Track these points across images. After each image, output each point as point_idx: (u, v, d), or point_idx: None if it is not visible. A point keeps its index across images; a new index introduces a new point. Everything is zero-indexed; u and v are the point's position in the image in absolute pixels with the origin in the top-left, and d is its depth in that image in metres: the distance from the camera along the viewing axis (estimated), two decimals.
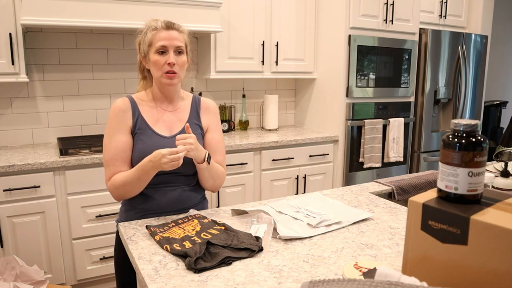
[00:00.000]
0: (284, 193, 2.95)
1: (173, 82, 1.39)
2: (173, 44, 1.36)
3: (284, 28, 3.12)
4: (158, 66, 1.37)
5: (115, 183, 1.35)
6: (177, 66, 1.38)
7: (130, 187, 1.34)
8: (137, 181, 1.32)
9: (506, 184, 1.61)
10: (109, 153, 1.37)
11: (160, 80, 1.40)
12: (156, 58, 1.36)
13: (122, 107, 1.40)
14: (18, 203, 2.16)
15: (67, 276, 2.35)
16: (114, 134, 1.38)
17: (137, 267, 1.04)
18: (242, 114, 3.29)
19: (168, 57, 1.36)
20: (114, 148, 1.37)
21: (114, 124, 1.38)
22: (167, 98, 1.46)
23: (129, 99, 1.43)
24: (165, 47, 1.36)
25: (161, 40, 1.36)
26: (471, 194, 0.77)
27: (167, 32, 1.37)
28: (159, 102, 1.46)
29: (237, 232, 1.18)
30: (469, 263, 0.71)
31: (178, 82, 1.43)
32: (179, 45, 1.38)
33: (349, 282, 0.66)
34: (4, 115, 2.60)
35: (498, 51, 4.90)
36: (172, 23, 1.40)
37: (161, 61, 1.36)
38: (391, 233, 1.24)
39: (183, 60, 1.40)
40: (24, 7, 2.13)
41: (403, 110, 3.36)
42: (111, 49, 2.82)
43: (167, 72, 1.37)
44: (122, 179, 1.34)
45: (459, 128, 0.77)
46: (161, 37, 1.36)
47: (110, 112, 1.40)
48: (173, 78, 1.38)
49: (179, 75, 1.40)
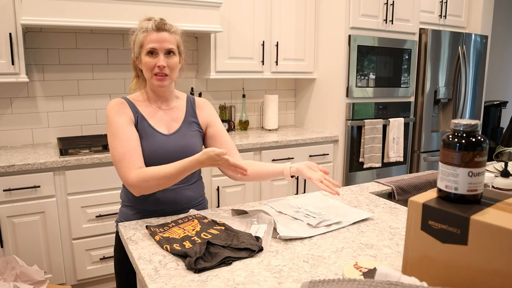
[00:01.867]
0: (284, 193, 2.95)
1: (163, 84, 1.39)
2: (163, 46, 1.35)
3: (284, 28, 3.12)
4: (148, 68, 1.37)
5: (145, 176, 1.27)
6: (168, 69, 1.37)
7: (166, 181, 1.28)
8: (175, 177, 1.28)
9: (506, 184, 1.61)
10: (122, 147, 1.32)
11: (152, 82, 1.40)
12: (146, 60, 1.36)
13: (119, 103, 1.39)
14: (18, 203, 2.16)
15: (67, 276, 2.35)
16: (121, 128, 1.34)
17: (137, 267, 1.04)
18: (242, 114, 3.29)
19: (158, 59, 1.35)
20: (127, 140, 1.33)
21: (117, 119, 1.35)
22: (161, 98, 1.46)
23: (125, 99, 1.43)
24: (155, 49, 1.35)
25: (151, 43, 1.35)
26: (471, 194, 0.77)
27: (157, 34, 1.35)
28: (153, 102, 1.46)
29: (237, 232, 1.18)
30: (469, 263, 0.71)
31: (170, 84, 1.43)
32: (170, 47, 1.37)
33: (349, 282, 0.66)
34: (4, 115, 2.60)
35: (498, 51, 4.90)
36: (164, 24, 1.38)
37: (151, 64, 1.36)
38: (391, 233, 1.24)
39: (174, 61, 1.39)
40: (24, 7, 2.13)
41: (403, 110, 3.36)
42: (111, 49, 2.82)
43: (157, 74, 1.37)
44: (157, 172, 1.27)
45: (459, 128, 0.77)
46: (151, 39, 1.35)
47: (108, 112, 1.37)
48: (164, 80, 1.38)
49: (170, 77, 1.40)
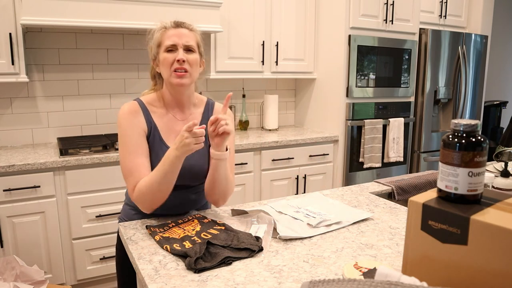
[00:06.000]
0: (284, 193, 2.95)
1: (183, 81, 1.28)
2: (182, 41, 1.28)
3: (284, 28, 3.12)
4: (166, 64, 1.28)
5: (141, 189, 1.23)
6: (188, 64, 1.28)
7: (157, 187, 1.21)
8: (163, 178, 1.20)
9: (506, 184, 1.61)
10: (130, 161, 1.25)
11: (170, 81, 1.29)
12: (164, 56, 1.28)
13: (133, 111, 1.30)
14: (18, 203, 2.16)
15: (67, 276, 2.35)
16: (132, 141, 1.27)
17: (137, 267, 1.04)
18: (242, 114, 3.29)
19: (177, 53, 1.27)
20: (137, 155, 1.26)
21: (129, 131, 1.28)
22: (179, 103, 1.36)
23: (139, 104, 1.33)
24: (174, 45, 1.27)
25: (170, 38, 1.28)
26: (471, 194, 0.77)
27: (176, 29, 1.29)
28: (170, 108, 1.36)
29: (237, 232, 1.18)
30: (469, 263, 0.71)
31: (190, 83, 1.32)
32: (190, 44, 1.29)
33: (349, 282, 0.66)
34: (4, 115, 2.60)
35: (498, 51, 4.90)
36: (182, 22, 1.32)
37: (170, 59, 1.27)
38: (391, 233, 1.24)
39: (195, 57, 1.30)
40: (24, 7, 2.13)
41: (403, 110, 3.36)
42: (111, 49, 2.82)
43: (176, 70, 1.27)
44: (148, 181, 1.22)
45: (459, 128, 0.77)
46: (169, 34, 1.28)
47: (120, 120, 1.29)
48: (183, 77, 1.27)
49: (191, 74, 1.30)
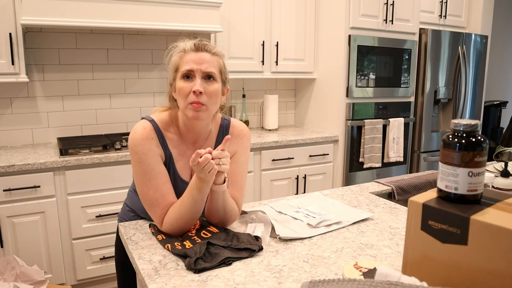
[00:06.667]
0: (284, 193, 2.95)
1: (199, 115, 1.12)
2: (201, 68, 1.12)
3: (284, 28, 3.12)
4: (182, 95, 1.12)
5: (172, 223, 1.13)
6: (205, 96, 1.12)
7: (188, 216, 1.11)
8: (193, 207, 1.10)
9: (506, 184, 1.61)
10: (155, 192, 1.13)
11: (185, 113, 1.14)
12: (181, 85, 1.13)
13: (149, 139, 1.15)
14: (18, 203, 2.16)
15: (67, 276, 2.35)
16: (153, 170, 1.13)
17: (137, 267, 1.04)
18: (242, 114, 3.29)
19: (194, 83, 1.12)
20: (161, 184, 1.14)
21: (147, 160, 1.14)
22: (193, 134, 1.23)
23: (154, 127, 1.18)
24: (192, 71, 1.12)
25: (187, 63, 1.13)
26: (471, 194, 0.77)
27: (196, 54, 1.14)
28: (184, 135, 1.22)
29: (236, 232, 1.18)
30: (469, 263, 0.71)
31: (207, 117, 1.17)
32: (210, 70, 1.13)
33: (349, 282, 0.66)
34: (4, 115, 2.60)
35: (498, 51, 4.90)
36: (204, 44, 1.16)
37: (186, 89, 1.12)
38: (391, 233, 1.24)
39: (215, 88, 1.14)
40: (24, 7, 2.13)
41: (403, 110, 3.36)
42: (111, 49, 2.82)
43: (192, 103, 1.11)
44: (177, 213, 1.12)
45: (459, 128, 0.77)
46: (188, 59, 1.13)
47: (134, 147, 1.14)
48: (199, 109, 1.12)
49: (208, 107, 1.14)
